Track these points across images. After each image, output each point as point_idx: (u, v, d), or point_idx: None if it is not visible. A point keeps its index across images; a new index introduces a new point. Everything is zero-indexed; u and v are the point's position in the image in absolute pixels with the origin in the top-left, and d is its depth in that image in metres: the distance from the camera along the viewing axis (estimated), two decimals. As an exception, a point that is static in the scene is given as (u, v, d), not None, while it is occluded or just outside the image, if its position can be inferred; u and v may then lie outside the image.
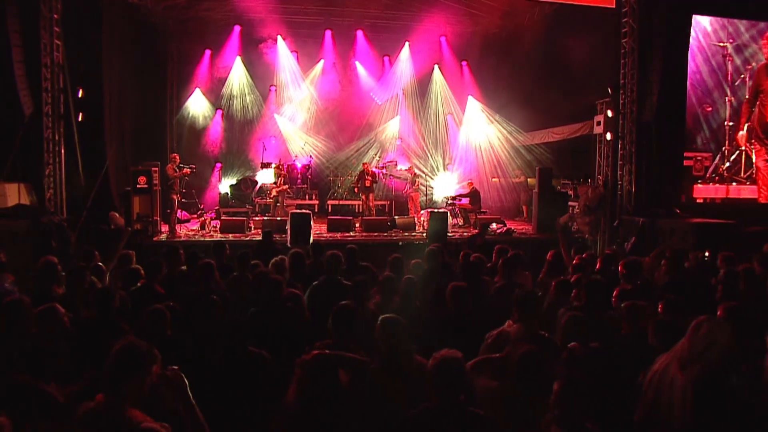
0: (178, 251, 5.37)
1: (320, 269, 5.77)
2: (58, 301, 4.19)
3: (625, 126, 11.52)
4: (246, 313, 4.21)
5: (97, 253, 6.11)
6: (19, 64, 9.34)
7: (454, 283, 4.24)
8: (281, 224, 11.13)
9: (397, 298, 4.38)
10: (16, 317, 3.75)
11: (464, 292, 4.11)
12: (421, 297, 4.55)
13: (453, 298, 4.13)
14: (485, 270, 5.44)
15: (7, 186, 9.86)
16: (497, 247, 6.73)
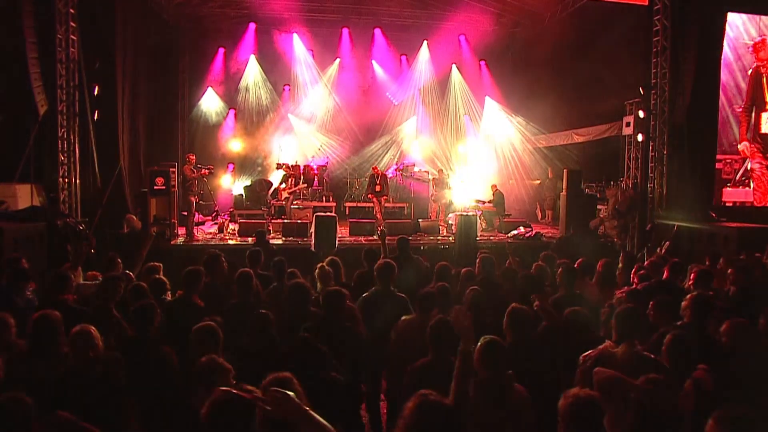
0: (220, 259, 4.98)
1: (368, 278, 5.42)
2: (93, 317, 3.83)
3: (656, 127, 11.16)
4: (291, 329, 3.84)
5: (119, 261, 5.75)
6: (33, 60, 8.98)
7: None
8: (301, 228, 10.76)
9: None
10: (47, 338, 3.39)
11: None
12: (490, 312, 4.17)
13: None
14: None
15: (18, 187, 9.50)
16: (543, 254, 6.38)
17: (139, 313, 3.48)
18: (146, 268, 5.38)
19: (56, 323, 3.42)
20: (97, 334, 3.11)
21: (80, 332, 3.09)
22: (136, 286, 4.46)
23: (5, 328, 3.58)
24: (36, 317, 3.39)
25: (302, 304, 4.34)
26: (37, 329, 3.36)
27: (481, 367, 2.68)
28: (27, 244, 7.35)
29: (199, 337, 3.14)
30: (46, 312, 3.43)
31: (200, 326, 3.19)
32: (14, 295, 4.49)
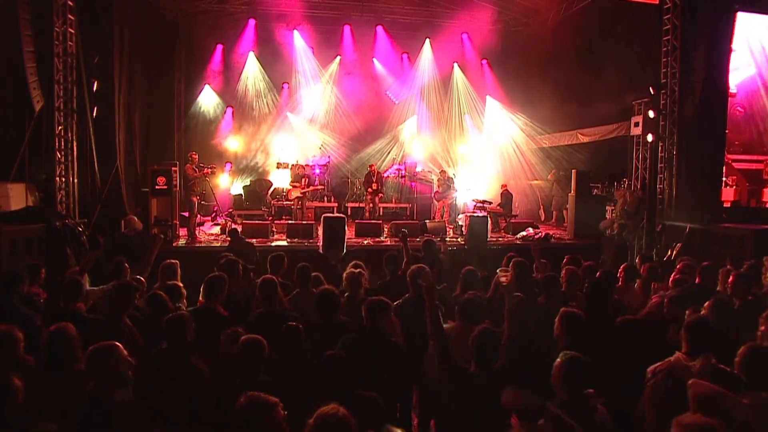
0: (237, 265, 4.69)
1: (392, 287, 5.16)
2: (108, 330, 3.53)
3: (666, 127, 11.04)
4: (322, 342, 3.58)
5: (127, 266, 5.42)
6: (29, 54, 8.59)
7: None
8: (307, 228, 10.47)
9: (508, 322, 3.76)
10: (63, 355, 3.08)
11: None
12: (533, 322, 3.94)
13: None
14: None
15: (11, 186, 9.09)
16: (568, 257, 6.17)
17: (174, 325, 3.18)
18: (163, 267, 5.03)
19: (73, 339, 3.12)
20: (124, 352, 2.81)
21: (105, 349, 2.78)
22: (154, 295, 4.15)
23: (13, 343, 3.26)
24: (52, 332, 3.08)
25: (331, 312, 4.08)
26: (53, 345, 3.05)
27: (561, 387, 2.44)
28: (25, 247, 6.98)
29: (248, 354, 2.85)
30: (62, 326, 3.12)
31: (248, 341, 2.90)
32: (21, 303, 4.15)
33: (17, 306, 4.06)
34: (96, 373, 2.71)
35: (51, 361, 3.06)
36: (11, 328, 3.25)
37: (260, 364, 2.91)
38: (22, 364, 3.33)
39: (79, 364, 3.15)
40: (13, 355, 3.25)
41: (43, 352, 3.08)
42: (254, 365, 2.88)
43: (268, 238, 10.22)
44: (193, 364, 3.09)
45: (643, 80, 11.78)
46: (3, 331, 3.19)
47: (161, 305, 4.17)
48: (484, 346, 2.94)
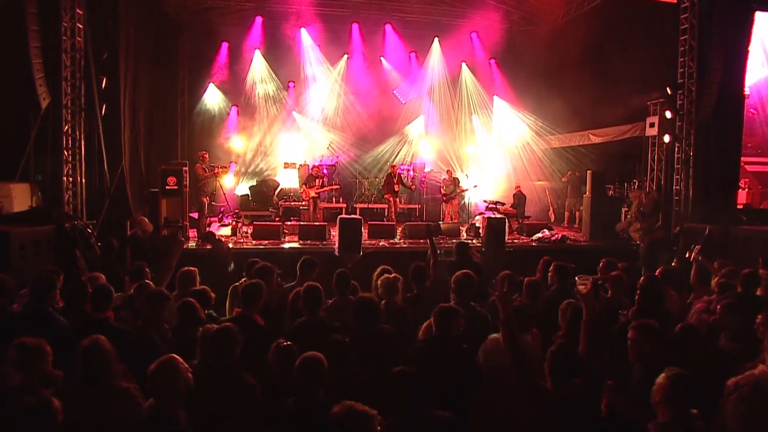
0: (272, 271, 4.44)
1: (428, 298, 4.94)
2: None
3: (683, 128, 10.90)
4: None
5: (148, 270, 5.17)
6: (35, 50, 8.32)
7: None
8: (320, 230, 10.23)
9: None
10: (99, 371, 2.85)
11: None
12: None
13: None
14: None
15: (13, 186, 8.81)
16: (605, 261, 5.98)
17: (222, 338, 2.95)
18: (181, 275, 4.78)
19: (109, 353, 2.88)
20: (185, 366, 2.58)
21: (168, 365, 2.54)
22: (185, 304, 3.90)
23: (42, 357, 3.02)
24: (86, 346, 2.84)
25: (373, 322, 3.86)
26: (88, 360, 2.81)
27: (665, 406, 2.24)
28: (34, 250, 6.71)
29: (307, 374, 2.62)
30: (96, 340, 2.88)
31: (309, 360, 2.67)
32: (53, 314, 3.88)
33: (50, 314, 3.80)
34: (159, 391, 2.48)
35: (86, 376, 2.82)
36: (40, 341, 3.02)
37: (321, 385, 2.68)
38: (51, 379, 3.10)
39: (115, 379, 2.92)
40: (42, 370, 3.01)
41: (77, 367, 2.83)
42: (314, 385, 2.65)
43: (280, 240, 9.96)
44: (244, 379, 2.86)
45: (657, 81, 11.65)
46: (31, 345, 2.96)
47: (193, 315, 3.94)
48: (563, 362, 2.72)
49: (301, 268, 5.02)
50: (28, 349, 2.94)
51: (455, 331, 3.38)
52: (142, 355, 3.28)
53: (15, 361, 2.94)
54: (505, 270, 5.42)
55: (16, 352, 2.94)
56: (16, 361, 2.94)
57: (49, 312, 3.80)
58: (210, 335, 3.04)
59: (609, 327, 4.14)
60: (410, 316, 4.61)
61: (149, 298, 3.75)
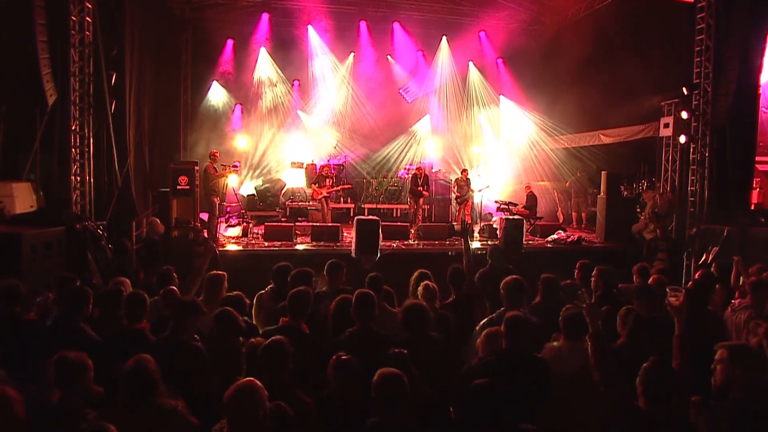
0: (311, 277, 4.22)
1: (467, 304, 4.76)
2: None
3: (698, 128, 10.79)
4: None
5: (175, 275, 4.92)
6: (42, 44, 8.00)
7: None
8: (333, 231, 10.01)
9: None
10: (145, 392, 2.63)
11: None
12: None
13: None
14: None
15: (15, 186, 8.49)
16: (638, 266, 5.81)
17: (274, 353, 2.73)
18: (209, 280, 4.54)
19: (156, 372, 2.66)
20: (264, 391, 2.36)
21: (248, 390, 2.32)
22: (224, 313, 3.67)
23: (83, 373, 2.79)
24: (133, 366, 2.62)
25: (424, 329, 3.66)
26: (136, 379, 2.59)
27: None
28: (45, 252, 6.44)
29: (387, 389, 2.41)
30: (143, 359, 2.65)
31: (389, 377, 2.46)
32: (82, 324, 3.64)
33: (81, 328, 3.55)
34: (237, 418, 2.26)
35: (132, 397, 2.59)
36: (81, 355, 2.79)
37: (401, 405, 2.47)
38: (92, 396, 2.88)
39: (162, 398, 2.70)
40: (84, 387, 2.78)
41: (123, 387, 2.60)
42: (395, 405, 2.44)
43: (292, 241, 9.72)
44: (299, 397, 2.64)
45: (670, 81, 11.55)
46: (73, 359, 2.73)
47: (232, 324, 3.72)
48: (659, 380, 2.53)
49: (329, 272, 4.80)
50: (69, 364, 2.71)
51: (527, 342, 3.19)
52: (177, 368, 3.07)
53: (55, 377, 2.71)
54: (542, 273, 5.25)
55: (56, 368, 2.71)
56: (55, 377, 2.71)
57: (80, 326, 3.56)
58: (261, 350, 2.81)
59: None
60: (452, 322, 4.43)
61: (184, 307, 3.50)
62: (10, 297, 3.83)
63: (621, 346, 3.70)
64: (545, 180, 15.17)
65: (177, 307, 3.42)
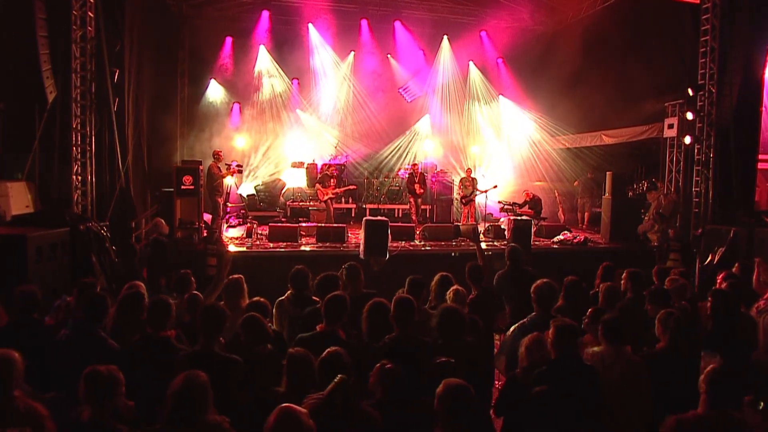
0: (337, 281, 4.08)
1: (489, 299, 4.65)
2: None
3: (703, 129, 10.81)
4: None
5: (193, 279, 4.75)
6: (43, 39, 7.79)
7: None
8: (338, 232, 9.86)
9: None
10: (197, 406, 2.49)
11: None
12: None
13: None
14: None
15: (11, 185, 8.26)
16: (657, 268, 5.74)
17: (331, 367, 2.59)
18: (229, 284, 4.38)
19: (207, 388, 2.51)
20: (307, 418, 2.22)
21: (288, 419, 2.18)
22: (252, 318, 3.52)
23: (116, 388, 2.63)
24: (183, 383, 2.46)
25: (459, 334, 3.55)
26: (184, 398, 2.43)
27: None
28: (50, 254, 6.22)
29: (455, 402, 2.28)
30: (194, 375, 2.49)
31: (456, 387, 2.33)
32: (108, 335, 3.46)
33: (102, 338, 3.37)
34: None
35: (184, 414, 2.44)
36: (112, 368, 2.63)
37: (466, 415, 2.35)
38: (123, 411, 2.72)
39: (211, 415, 2.54)
40: (116, 403, 2.62)
41: (173, 404, 2.44)
42: (460, 416, 2.32)
43: (297, 242, 9.57)
44: (365, 411, 2.51)
45: (673, 82, 11.57)
46: (104, 374, 2.57)
47: (261, 331, 3.57)
48: (726, 386, 2.44)
49: (349, 276, 4.65)
50: (100, 378, 2.54)
51: (576, 348, 3.09)
52: (214, 384, 2.91)
53: (85, 392, 2.54)
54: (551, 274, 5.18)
55: (86, 383, 2.55)
56: (86, 392, 2.54)
57: (99, 335, 3.38)
58: (319, 363, 2.66)
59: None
60: (480, 324, 4.32)
61: (209, 313, 3.33)
62: (27, 303, 3.65)
63: (661, 351, 3.63)
64: (544, 180, 15.15)
65: (205, 317, 3.24)
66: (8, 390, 2.52)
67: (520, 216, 11.21)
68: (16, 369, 2.56)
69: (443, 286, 4.56)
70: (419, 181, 11.90)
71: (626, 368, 3.45)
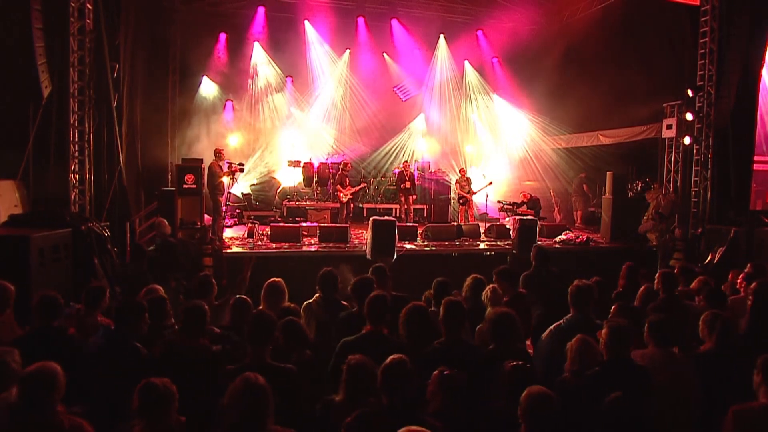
0: (372, 284, 3.93)
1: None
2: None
3: (701, 130, 10.93)
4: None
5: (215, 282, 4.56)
6: (38, 31, 7.46)
7: None
8: (342, 232, 9.70)
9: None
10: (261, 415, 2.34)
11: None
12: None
13: None
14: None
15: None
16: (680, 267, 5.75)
17: (393, 375, 2.45)
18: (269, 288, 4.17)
19: (271, 400, 2.35)
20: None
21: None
22: (292, 323, 3.37)
23: (171, 401, 2.45)
24: (245, 394, 2.29)
25: (513, 340, 3.44)
26: (248, 409, 2.27)
27: None
28: (53, 256, 5.95)
29: (540, 409, 2.17)
30: (257, 384, 2.33)
31: (539, 395, 2.21)
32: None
33: (135, 347, 3.16)
34: None
35: (247, 427, 2.28)
36: (166, 382, 2.45)
37: (551, 423, 2.24)
38: (176, 428, 2.54)
39: (272, 425, 2.39)
40: (171, 418, 2.45)
41: (235, 416, 2.28)
42: (545, 424, 2.21)
43: (299, 243, 9.38)
44: (429, 423, 2.38)
45: (671, 82, 11.68)
46: (160, 388, 2.39)
47: (300, 336, 3.43)
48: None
49: (378, 279, 4.51)
50: (156, 393, 2.37)
51: (629, 350, 3.02)
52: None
53: (139, 407, 2.36)
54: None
55: (141, 397, 2.37)
56: (140, 407, 2.36)
57: (135, 345, 3.17)
58: (381, 371, 2.52)
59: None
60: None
61: (258, 321, 3.14)
62: (48, 311, 3.43)
63: (709, 352, 3.58)
64: (535, 180, 15.19)
65: (255, 326, 3.03)
66: (52, 405, 2.33)
67: (520, 216, 11.21)
68: (58, 383, 2.38)
69: (477, 288, 4.46)
70: (409, 179, 11.89)
71: (675, 370, 3.41)
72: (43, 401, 2.29)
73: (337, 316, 4.09)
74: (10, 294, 4.00)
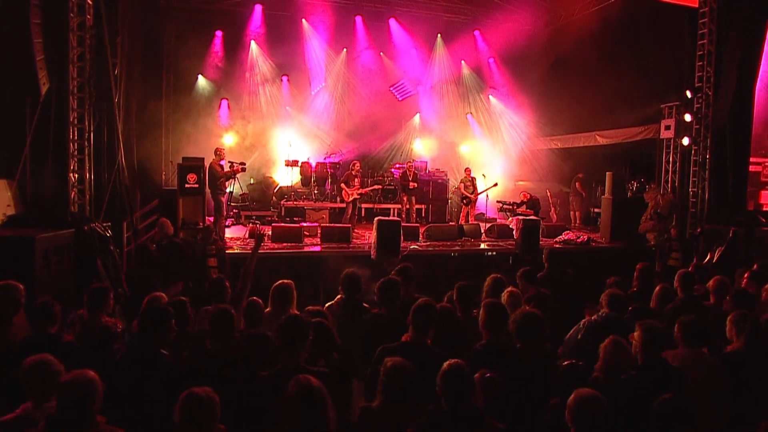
0: (398, 287, 3.85)
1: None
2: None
3: (700, 131, 11.04)
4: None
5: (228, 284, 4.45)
6: (36, 26, 7.28)
7: None
8: (344, 232, 9.62)
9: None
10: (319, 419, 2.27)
11: None
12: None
13: None
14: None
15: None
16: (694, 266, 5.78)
17: (454, 380, 2.39)
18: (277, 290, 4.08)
19: (326, 396, 2.28)
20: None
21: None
22: (320, 326, 3.28)
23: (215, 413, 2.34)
24: (300, 390, 2.22)
25: (539, 340, 3.40)
26: (307, 407, 2.20)
27: None
28: (57, 257, 5.80)
29: (589, 412, 2.13)
30: (308, 383, 2.26)
31: (590, 398, 2.17)
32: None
33: (161, 355, 3.02)
34: None
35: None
36: (208, 390, 2.36)
37: (599, 425, 2.20)
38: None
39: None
40: (214, 428, 2.36)
41: (290, 416, 2.20)
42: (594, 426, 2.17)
43: (301, 243, 9.28)
44: (492, 425, 2.33)
45: (669, 83, 11.78)
46: (203, 397, 2.30)
47: (329, 340, 3.35)
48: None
49: (404, 280, 4.44)
50: (200, 404, 2.27)
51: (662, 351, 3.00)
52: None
53: (181, 419, 2.27)
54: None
55: (184, 409, 2.27)
56: (182, 419, 2.27)
57: (161, 353, 3.05)
58: (440, 377, 2.45)
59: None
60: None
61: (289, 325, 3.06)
62: (44, 317, 3.30)
63: (737, 352, 3.58)
64: (524, 180, 15.23)
65: (286, 329, 2.93)
66: (93, 416, 2.23)
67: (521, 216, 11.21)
68: (97, 392, 2.27)
69: (496, 289, 4.42)
70: (413, 179, 11.80)
71: (706, 370, 3.40)
72: (83, 412, 2.19)
73: (359, 318, 4.02)
74: (21, 294, 3.86)
